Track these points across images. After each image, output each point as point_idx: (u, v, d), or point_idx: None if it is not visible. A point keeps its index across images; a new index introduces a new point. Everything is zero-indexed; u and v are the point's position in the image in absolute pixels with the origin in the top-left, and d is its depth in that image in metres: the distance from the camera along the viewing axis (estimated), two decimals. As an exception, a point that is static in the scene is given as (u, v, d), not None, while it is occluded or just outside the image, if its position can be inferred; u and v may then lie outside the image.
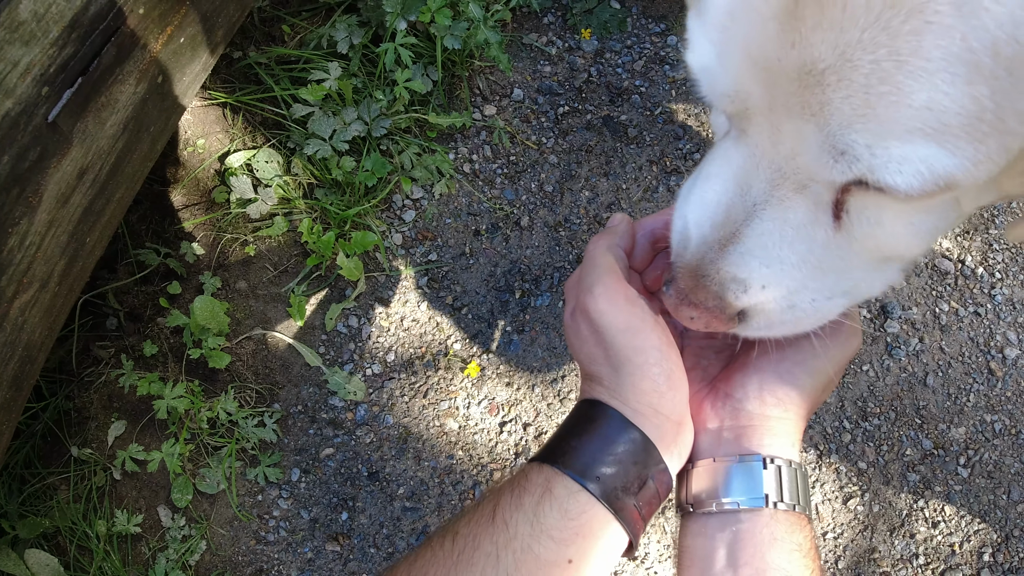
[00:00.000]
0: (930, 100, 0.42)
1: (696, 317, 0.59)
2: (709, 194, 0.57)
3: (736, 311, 0.58)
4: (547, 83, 1.57)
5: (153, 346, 1.39)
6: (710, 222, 0.57)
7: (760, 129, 0.51)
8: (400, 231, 1.47)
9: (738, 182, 0.54)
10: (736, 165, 0.54)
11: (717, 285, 0.57)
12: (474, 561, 0.57)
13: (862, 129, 0.45)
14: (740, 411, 0.64)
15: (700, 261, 0.57)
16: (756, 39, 0.46)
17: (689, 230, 0.59)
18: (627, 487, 0.60)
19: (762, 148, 0.52)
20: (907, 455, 1.43)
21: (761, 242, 0.54)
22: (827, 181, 0.50)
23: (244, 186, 1.41)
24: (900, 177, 0.45)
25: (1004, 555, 1.40)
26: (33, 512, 1.32)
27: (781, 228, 0.54)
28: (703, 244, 0.57)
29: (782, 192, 0.52)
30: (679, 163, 1.55)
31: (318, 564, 1.34)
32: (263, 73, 1.45)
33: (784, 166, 0.51)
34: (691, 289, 0.58)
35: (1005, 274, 1.54)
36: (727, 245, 0.56)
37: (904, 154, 0.44)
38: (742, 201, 0.54)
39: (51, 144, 0.86)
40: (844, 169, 0.47)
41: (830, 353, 0.64)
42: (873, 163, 0.45)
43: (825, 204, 0.52)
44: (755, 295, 0.57)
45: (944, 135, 0.43)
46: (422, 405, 1.41)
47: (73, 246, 0.97)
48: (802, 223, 0.53)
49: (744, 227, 0.55)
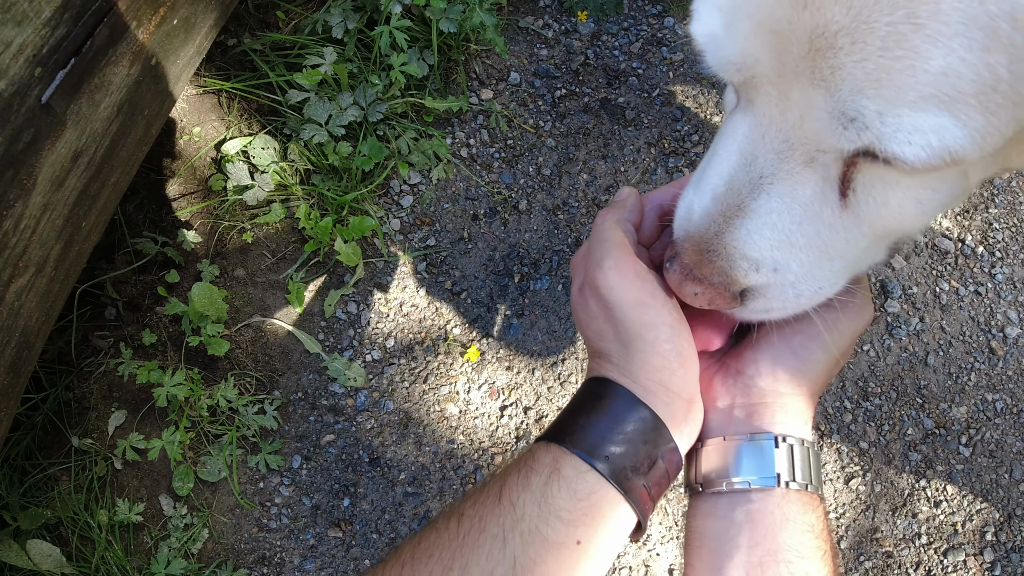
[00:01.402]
0: (946, 66, 0.41)
1: (700, 293, 0.58)
2: (713, 168, 0.56)
3: (740, 289, 0.57)
4: (544, 66, 1.57)
5: (152, 335, 1.38)
6: (711, 193, 0.55)
7: (767, 97, 0.50)
8: (398, 216, 1.47)
9: (742, 152, 0.53)
10: (741, 135, 0.53)
11: (724, 260, 0.55)
12: (480, 543, 0.56)
13: (874, 95, 0.43)
14: (751, 388, 0.63)
15: (704, 234, 0.56)
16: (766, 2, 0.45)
17: (692, 204, 0.58)
18: (636, 467, 0.59)
19: (769, 117, 0.50)
20: (908, 435, 1.43)
21: (771, 220, 0.53)
22: (835, 150, 0.49)
23: (241, 173, 1.41)
24: (909, 148, 0.44)
25: (1007, 534, 1.40)
26: (35, 503, 1.32)
27: (790, 206, 0.52)
28: (706, 217, 0.56)
29: (790, 165, 0.51)
30: (677, 145, 1.54)
31: (321, 551, 1.34)
32: (258, 59, 1.45)
33: (791, 135, 0.50)
34: (696, 264, 0.57)
35: (1005, 253, 1.54)
36: (733, 219, 0.54)
37: (915, 123, 0.43)
38: (746, 173, 0.53)
39: (45, 126, 0.86)
40: (853, 137, 0.45)
41: (842, 326, 0.62)
42: (883, 131, 0.44)
43: (832, 179, 0.51)
44: (765, 275, 0.55)
45: (957, 104, 0.42)
46: (422, 390, 1.40)
47: (69, 230, 0.96)
48: (810, 200, 0.52)
49: (751, 200, 0.53)
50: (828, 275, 0.57)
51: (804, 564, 0.58)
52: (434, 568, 0.56)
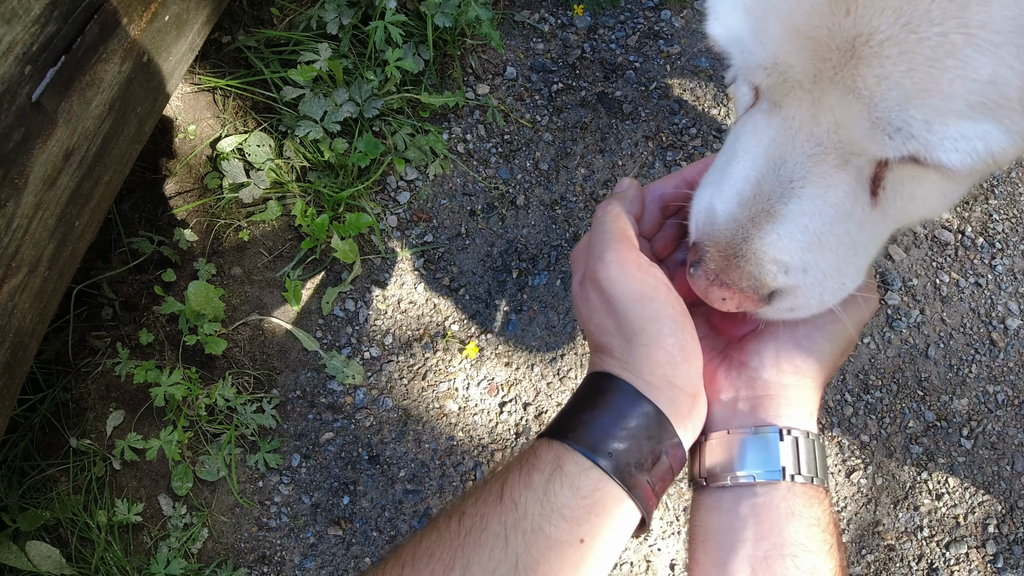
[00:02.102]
0: (994, 74, 0.41)
1: (728, 298, 0.57)
2: (736, 170, 0.55)
3: (770, 291, 0.56)
4: (540, 60, 1.56)
5: (149, 334, 1.38)
6: (738, 199, 0.54)
7: (799, 102, 0.49)
8: (395, 213, 1.46)
9: (770, 156, 0.52)
10: (768, 139, 0.52)
11: (754, 266, 0.54)
12: (482, 542, 0.55)
13: (922, 105, 0.43)
14: (756, 380, 0.62)
15: (732, 239, 0.55)
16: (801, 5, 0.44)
17: (715, 207, 0.56)
18: (640, 463, 0.58)
19: (799, 120, 0.49)
20: (910, 427, 1.42)
21: (802, 223, 0.52)
22: (872, 156, 0.48)
23: (236, 170, 1.40)
24: (956, 155, 0.44)
25: (1009, 526, 1.40)
26: (33, 504, 1.32)
27: (822, 208, 0.52)
28: (732, 221, 0.55)
29: (823, 168, 0.50)
30: (675, 138, 1.53)
31: (321, 549, 1.34)
32: (252, 56, 1.44)
33: (825, 140, 0.49)
34: (723, 269, 0.56)
35: (1005, 244, 1.53)
36: (762, 224, 0.53)
37: (962, 131, 0.43)
38: (775, 176, 0.52)
39: (35, 124, 0.85)
40: (899, 146, 0.45)
41: (848, 315, 0.61)
42: (930, 140, 0.44)
43: (865, 180, 0.51)
44: (795, 278, 0.54)
45: (1002, 110, 0.42)
46: (421, 387, 1.40)
47: (62, 230, 0.95)
48: (842, 201, 0.51)
49: (780, 204, 0.52)
50: (851, 271, 0.56)
51: (810, 558, 0.57)
52: (435, 568, 0.55)
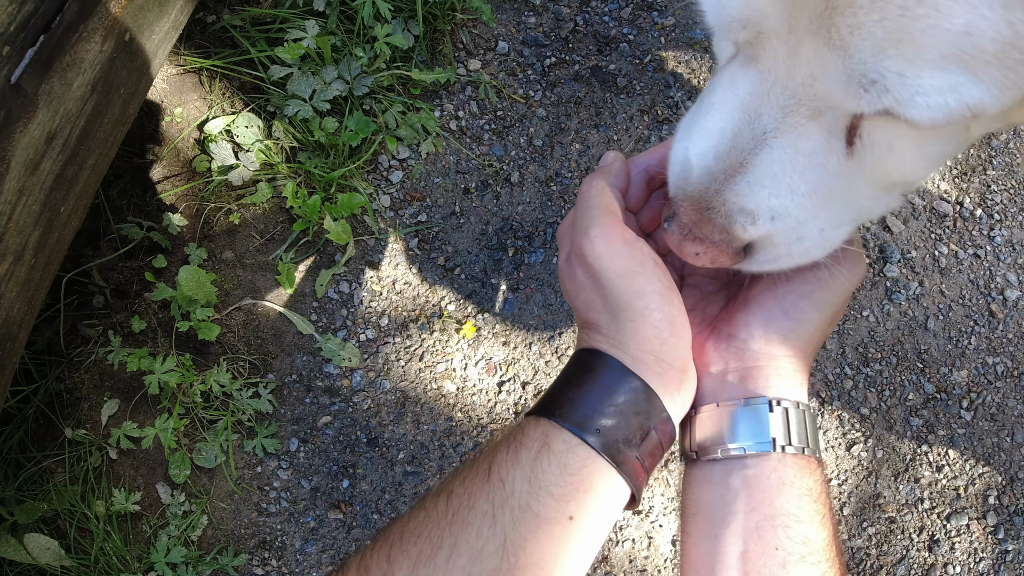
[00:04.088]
0: (968, 24, 0.40)
1: (701, 252, 0.56)
2: (712, 123, 0.54)
3: (743, 244, 0.56)
4: (532, 34, 1.53)
5: (141, 322, 1.36)
6: (714, 152, 0.54)
7: (774, 54, 0.48)
8: (388, 193, 1.44)
9: (745, 109, 0.51)
10: (744, 92, 0.51)
11: (723, 217, 0.54)
12: (469, 521, 0.55)
13: (895, 55, 0.42)
14: (744, 352, 0.61)
15: (704, 192, 0.54)
16: None
17: (691, 161, 0.56)
18: (629, 439, 0.57)
19: (775, 74, 0.49)
20: (909, 400, 1.42)
21: (771, 171, 0.52)
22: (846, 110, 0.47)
23: (225, 152, 1.37)
24: (927, 111, 0.43)
25: (1009, 497, 1.40)
26: (30, 496, 1.31)
27: (793, 156, 0.51)
28: (707, 175, 0.54)
29: (795, 119, 0.50)
30: (670, 112, 1.51)
31: (321, 533, 1.33)
32: (238, 36, 1.40)
33: (800, 92, 0.48)
34: (695, 223, 0.55)
35: (1004, 215, 1.52)
36: (734, 175, 0.53)
37: (935, 84, 0.42)
38: (750, 129, 0.51)
39: (16, 107, 0.83)
40: (873, 100, 0.44)
41: (835, 284, 0.61)
42: (902, 95, 0.43)
43: (840, 130, 0.50)
44: (764, 226, 0.54)
45: (976, 62, 0.41)
46: (418, 368, 1.39)
47: (47, 216, 0.93)
48: (815, 151, 0.51)
49: (752, 156, 0.52)
50: (830, 217, 0.55)
51: (802, 528, 0.57)
52: (423, 547, 0.55)
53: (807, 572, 0.56)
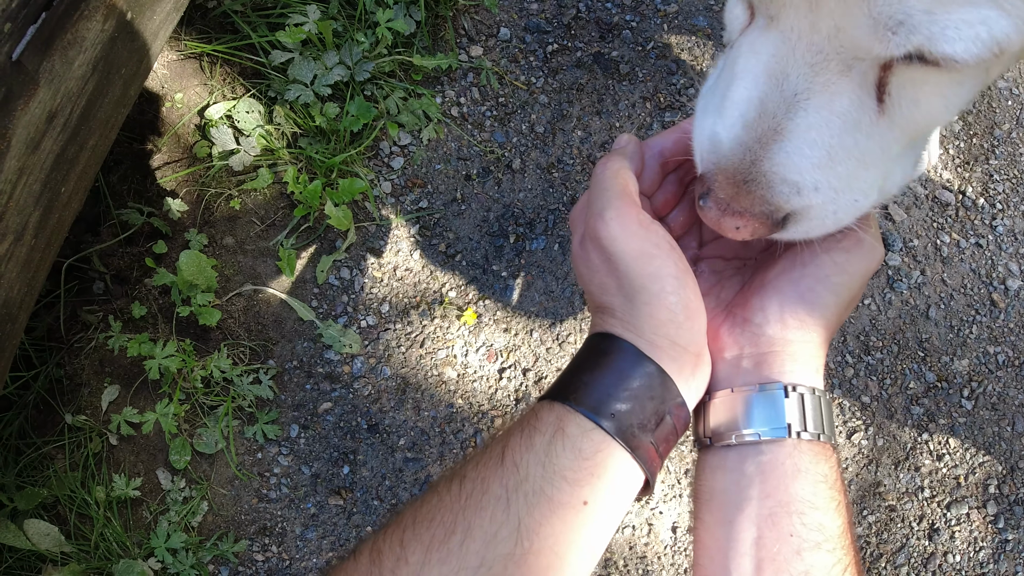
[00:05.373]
0: None
1: (742, 226, 0.55)
2: (738, 92, 0.53)
3: (785, 214, 0.54)
4: (534, 20, 1.52)
5: (142, 308, 1.35)
6: (742, 121, 0.52)
7: (795, 11, 0.47)
8: (389, 179, 1.43)
9: (771, 73, 0.50)
10: (767, 55, 0.50)
11: (765, 189, 0.52)
12: (483, 505, 0.54)
13: None
14: (760, 337, 0.60)
15: (739, 164, 0.53)
16: None
17: (719, 134, 0.54)
18: (643, 424, 0.57)
19: (798, 31, 0.48)
20: (910, 388, 1.42)
21: (810, 138, 0.50)
22: (876, 57, 0.46)
23: (225, 137, 1.37)
24: (960, 44, 0.42)
25: (1009, 487, 1.40)
26: (30, 483, 1.30)
27: (828, 119, 0.50)
28: (739, 146, 0.53)
29: (826, 76, 0.48)
30: (673, 99, 1.50)
31: (322, 519, 1.33)
32: (239, 21, 1.40)
33: (826, 47, 0.47)
34: (733, 197, 0.54)
35: (1006, 205, 1.52)
36: (769, 144, 0.51)
37: (964, 17, 0.41)
38: (779, 93, 0.50)
39: (16, 84, 0.82)
40: (902, 41, 0.43)
41: (852, 268, 0.60)
42: (932, 31, 0.42)
43: (870, 85, 0.49)
44: (808, 197, 0.53)
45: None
46: (419, 355, 1.38)
47: (47, 196, 0.93)
48: (848, 110, 0.49)
49: (786, 121, 0.50)
50: (863, 186, 0.54)
51: (817, 515, 0.56)
52: (436, 531, 0.54)
53: (822, 559, 0.55)
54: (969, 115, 1.55)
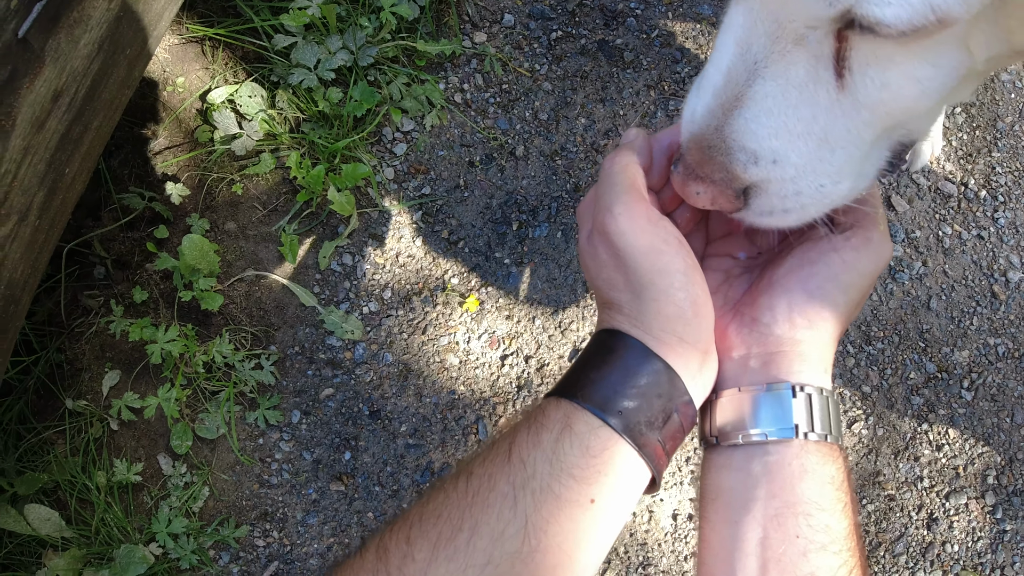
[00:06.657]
0: None
1: (702, 192, 0.55)
2: (712, 64, 0.54)
3: (743, 185, 0.55)
4: (539, 7, 1.51)
5: (143, 292, 1.35)
6: (711, 89, 0.53)
7: None
8: (391, 165, 1.43)
9: (738, 42, 0.51)
10: (737, 27, 0.51)
11: (724, 155, 0.53)
12: (490, 502, 0.53)
13: None
14: (768, 336, 0.60)
15: (706, 131, 0.54)
16: None
17: (695, 104, 0.55)
18: (651, 421, 0.56)
19: (760, 1, 0.49)
20: (911, 379, 1.42)
21: (766, 106, 0.51)
22: (820, 22, 0.47)
23: (228, 121, 1.36)
24: (890, 9, 0.42)
25: (1008, 477, 1.41)
26: (31, 468, 1.30)
27: (784, 89, 0.50)
28: (708, 114, 0.53)
29: (782, 45, 0.49)
30: (677, 87, 1.50)
31: (323, 505, 1.33)
32: (242, 4, 1.39)
33: (780, 14, 0.48)
34: (698, 163, 0.55)
35: (1008, 197, 1.52)
36: (731, 111, 0.52)
37: None
38: (743, 61, 0.51)
39: (22, 62, 0.81)
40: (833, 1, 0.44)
41: (860, 266, 0.59)
42: None
43: (825, 58, 0.49)
44: (764, 168, 0.53)
45: None
46: (421, 341, 1.38)
47: (52, 176, 0.92)
48: (804, 81, 0.50)
49: (746, 88, 0.51)
50: (828, 168, 0.54)
51: (824, 516, 0.56)
52: (443, 528, 0.53)
53: (828, 561, 0.55)
54: (972, 107, 1.55)
